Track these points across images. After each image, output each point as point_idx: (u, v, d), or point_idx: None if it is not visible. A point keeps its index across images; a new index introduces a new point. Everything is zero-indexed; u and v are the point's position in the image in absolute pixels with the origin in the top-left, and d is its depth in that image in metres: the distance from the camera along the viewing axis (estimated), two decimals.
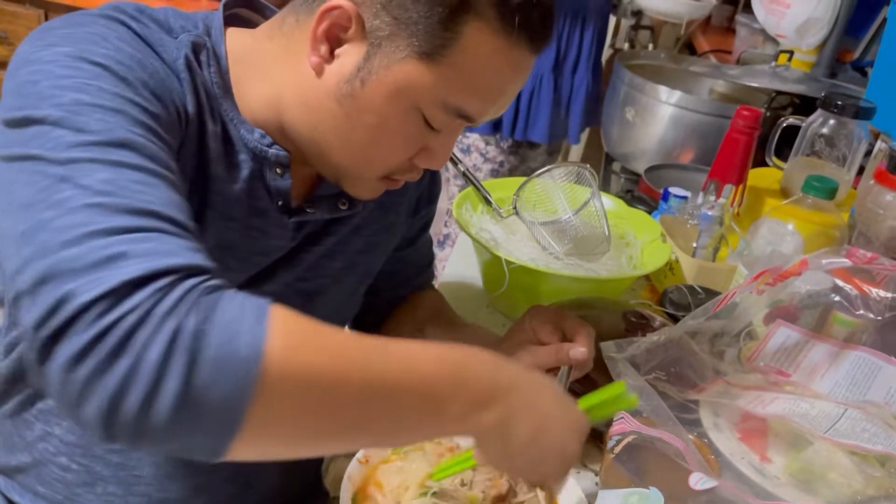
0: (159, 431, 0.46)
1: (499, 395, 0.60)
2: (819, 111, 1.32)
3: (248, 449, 0.49)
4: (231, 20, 0.78)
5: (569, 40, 1.90)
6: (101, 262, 0.47)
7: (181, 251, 0.51)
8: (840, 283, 0.90)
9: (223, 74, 0.73)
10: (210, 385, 0.46)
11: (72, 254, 0.48)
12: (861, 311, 0.89)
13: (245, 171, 0.74)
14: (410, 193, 0.93)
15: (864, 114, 1.29)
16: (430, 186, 0.97)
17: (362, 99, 0.69)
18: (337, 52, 0.69)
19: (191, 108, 0.68)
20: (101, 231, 0.49)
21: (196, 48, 0.72)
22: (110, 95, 0.58)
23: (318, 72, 0.70)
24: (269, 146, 0.74)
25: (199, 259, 0.51)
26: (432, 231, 1.05)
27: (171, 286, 0.48)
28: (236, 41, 0.75)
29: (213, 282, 0.50)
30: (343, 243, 0.86)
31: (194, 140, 0.69)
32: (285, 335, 0.49)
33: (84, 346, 0.45)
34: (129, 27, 0.67)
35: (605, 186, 2.06)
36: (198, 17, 0.75)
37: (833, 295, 0.90)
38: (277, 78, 0.73)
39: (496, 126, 1.95)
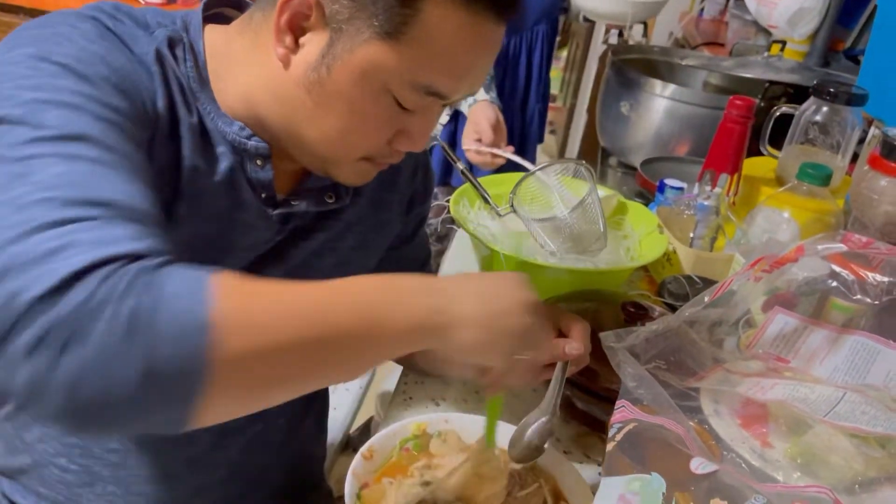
0: (119, 415, 0.47)
1: (440, 310, 0.61)
2: (812, 99, 1.33)
3: (210, 414, 0.50)
4: (215, 19, 0.78)
5: (514, 76, 1.75)
6: (47, 255, 0.48)
7: (126, 236, 0.51)
8: (837, 268, 0.89)
9: (200, 69, 0.73)
10: (163, 361, 0.47)
11: (18, 250, 0.48)
12: (858, 296, 0.89)
13: (225, 163, 0.74)
14: (403, 191, 0.93)
15: (856, 100, 1.29)
16: (423, 183, 0.97)
17: (330, 85, 0.68)
18: (301, 41, 0.69)
19: (161, 100, 0.68)
20: (47, 224, 0.49)
21: (172, 42, 0.72)
22: (69, 93, 0.59)
23: (286, 63, 0.70)
24: (249, 138, 0.74)
25: (145, 243, 0.51)
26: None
27: (115, 272, 0.48)
28: (212, 37, 0.75)
29: (157, 260, 0.50)
30: (334, 240, 0.85)
31: (166, 132, 0.69)
32: (227, 302, 0.50)
33: (34, 341, 0.45)
34: (100, 23, 0.67)
35: (601, 180, 2.06)
36: (177, 14, 0.75)
37: (830, 280, 0.90)
38: (249, 73, 0.73)
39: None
